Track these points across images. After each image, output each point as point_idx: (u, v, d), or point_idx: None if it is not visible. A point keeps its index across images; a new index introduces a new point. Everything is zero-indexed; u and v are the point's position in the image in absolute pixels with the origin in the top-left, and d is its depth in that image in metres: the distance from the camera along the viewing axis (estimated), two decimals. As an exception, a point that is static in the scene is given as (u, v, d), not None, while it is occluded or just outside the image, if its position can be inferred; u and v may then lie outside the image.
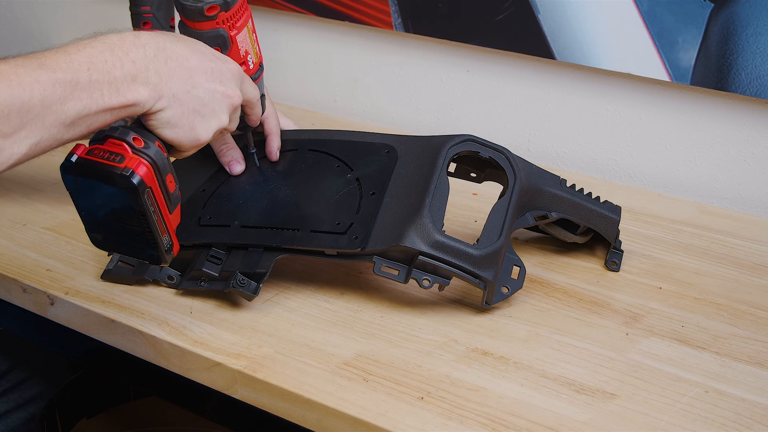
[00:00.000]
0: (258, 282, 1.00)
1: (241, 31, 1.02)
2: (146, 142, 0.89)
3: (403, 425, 0.85)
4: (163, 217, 0.91)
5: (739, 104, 1.28)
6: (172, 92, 0.89)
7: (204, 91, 0.92)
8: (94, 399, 1.36)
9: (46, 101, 0.82)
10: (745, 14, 1.22)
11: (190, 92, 0.91)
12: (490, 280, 0.98)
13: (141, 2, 1.36)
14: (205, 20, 0.99)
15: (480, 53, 1.46)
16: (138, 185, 0.87)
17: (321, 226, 1.01)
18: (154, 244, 0.91)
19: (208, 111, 0.93)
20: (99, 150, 0.88)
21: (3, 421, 1.28)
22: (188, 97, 0.91)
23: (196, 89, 0.91)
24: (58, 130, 0.84)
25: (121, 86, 0.86)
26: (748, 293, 1.07)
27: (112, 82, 0.85)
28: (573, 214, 1.07)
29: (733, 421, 0.86)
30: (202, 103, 0.92)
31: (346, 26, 1.56)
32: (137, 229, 0.90)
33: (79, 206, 0.92)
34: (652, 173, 1.37)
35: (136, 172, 0.87)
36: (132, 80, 0.87)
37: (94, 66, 0.85)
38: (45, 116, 0.82)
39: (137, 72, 0.87)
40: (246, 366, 0.93)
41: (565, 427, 0.85)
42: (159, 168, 0.89)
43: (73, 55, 0.84)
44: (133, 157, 0.88)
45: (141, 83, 0.87)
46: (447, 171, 1.03)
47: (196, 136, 0.93)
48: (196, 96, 0.91)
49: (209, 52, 0.95)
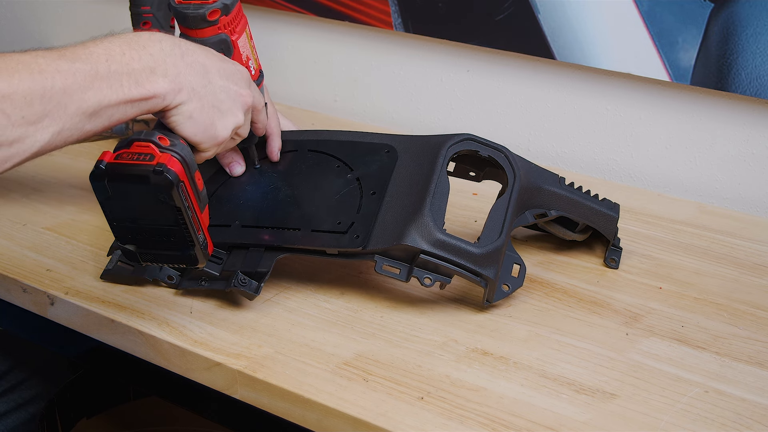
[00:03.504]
0: (259, 281, 1.00)
1: (241, 36, 1.03)
2: (172, 140, 0.90)
3: (403, 425, 0.85)
4: (197, 213, 0.91)
5: (739, 104, 1.28)
6: (191, 86, 0.90)
7: (220, 88, 0.93)
8: (94, 399, 1.36)
9: (67, 89, 0.83)
10: (745, 14, 1.22)
11: (207, 87, 0.92)
12: (491, 278, 0.98)
13: (141, 2, 1.36)
14: (207, 26, 1.00)
15: (480, 53, 1.46)
16: (173, 179, 0.87)
17: (322, 225, 1.01)
18: (191, 243, 0.91)
19: (226, 108, 0.94)
20: (127, 153, 0.88)
21: (3, 421, 1.28)
22: (206, 91, 0.92)
23: (213, 85, 0.92)
24: (80, 119, 0.84)
25: (141, 77, 0.87)
26: (748, 293, 1.07)
27: (132, 73, 0.86)
28: (572, 212, 1.08)
29: (733, 421, 0.86)
30: (219, 99, 0.93)
31: (346, 26, 1.56)
32: (174, 228, 0.90)
33: (112, 215, 0.91)
34: (652, 173, 1.37)
35: (169, 166, 0.87)
36: (151, 72, 0.88)
37: (113, 58, 0.86)
38: (67, 104, 0.83)
39: (155, 64, 0.88)
40: (246, 366, 0.93)
41: (565, 427, 0.85)
42: (188, 164, 0.90)
43: (91, 48, 0.86)
44: (163, 154, 0.88)
45: (160, 75, 0.88)
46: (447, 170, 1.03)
47: (215, 133, 0.93)
48: (213, 92, 0.92)
49: (220, 55, 0.96)
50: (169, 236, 0.91)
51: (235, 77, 0.96)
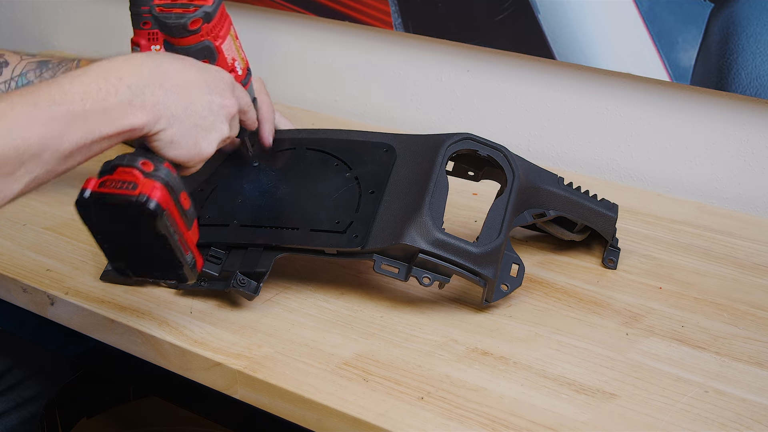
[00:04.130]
0: (258, 281, 1.00)
1: (225, 40, 1.02)
2: (156, 165, 0.89)
3: (403, 425, 0.85)
4: (183, 235, 0.90)
5: (739, 104, 1.28)
6: (170, 112, 0.89)
7: (202, 105, 0.92)
8: (94, 399, 1.36)
9: (43, 140, 0.81)
10: (745, 14, 1.22)
11: (188, 108, 0.90)
12: (490, 278, 0.98)
13: (141, 2, 1.36)
14: (189, 35, 0.99)
15: (480, 53, 1.46)
16: (155, 209, 0.86)
17: (320, 225, 1.01)
18: (178, 264, 0.91)
19: (208, 124, 0.92)
20: (110, 181, 0.87)
21: (3, 421, 1.28)
22: (187, 113, 0.90)
23: (194, 104, 0.91)
24: (56, 162, 0.83)
25: (117, 113, 0.85)
26: (748, 293, 1.07)
27: (108, 110, 0.85)
28: (570, 212, 1.08)
29: (733, 421, 0.86)
30: (201, 117, 0.91)
31: (346, 26, 1.56)
32: (160, 251, 0.90)
33: (99, 238, 0.91)
34: (652, 173, 1.37)
35: (152, 196, 0.86)
36: (128, 105, 0.86)
37: (88, 95, 0.84)
38: (42, 154, 0.81)
39: (132, 96, 0.86)
40: (246, 366, 0.93)
41: (565, 427, 0.85)
42: (172, 187, 0.89)
43: (65, 87, 0.83)
44: (146, 181, 0.87)
45: (137, 107, 0.86)
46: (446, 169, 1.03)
47: (200, 150, 0.92)
48: (194, 111, 0.91)
49: (201, 65, 0.94)
50: (156, 258, 0.90)
51: (219, 88, 0.94)
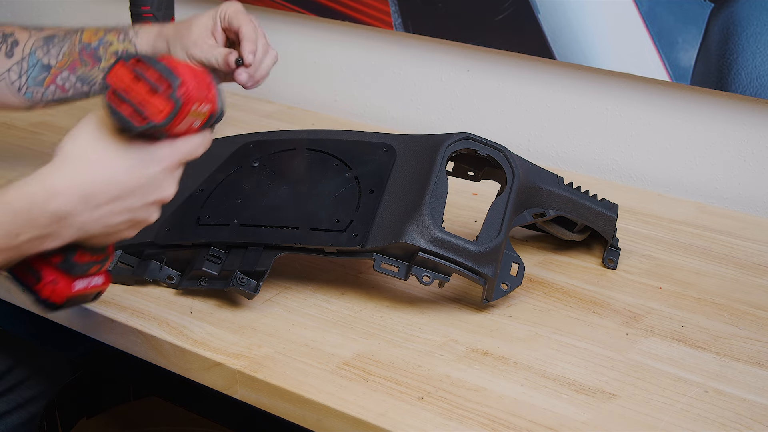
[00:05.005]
0: (258, 280, 1.00)
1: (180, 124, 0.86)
2: (65, 257, 0.87)
3: (403, 425, 0.85)
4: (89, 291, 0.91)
5: (739, 104, 1.28)
6: (89, 234, 0.85)
7: (129, 213, 0.86)
8: (94, 399, 1.36)
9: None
10: (745, 14, 1.22)
11: (110, 224, 0.85)
12: (490, 277, 0.98)
13: (141, 2, 1.36)
14: None
15: (480, 53, 1.46)
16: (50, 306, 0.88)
17: (320, 224, 1.01)
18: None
19: (133, 224, 0.88)
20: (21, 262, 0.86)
21: (3, 421, 1.28)
22: (110, 228, 0.86)
23: (121, 215, 0.86)
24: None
25: (28, 248, 0.82)
26: (748, 293, 1.07)
27: (18, 247, 0.81)
28: (570, 212, 1.08)
29: (733, 421, 0.86)
30: (126, 223, 0.87)
31: (346, 26, 1.56)
32: None
33: None
34: (652, 173, 1.37)
35: (48, 297, 0.88)
36: (41, 240, 0.82)
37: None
38: None
39: (46, 233, 0.82)
40: (246, 366, 0.93)
41: (565, 427, 0.85)
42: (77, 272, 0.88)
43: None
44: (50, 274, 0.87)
45: (51, 239, 0.83)
46: (445, 169, 1.03)
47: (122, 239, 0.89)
48: (118, 222, 0.86)
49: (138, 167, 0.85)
50: None
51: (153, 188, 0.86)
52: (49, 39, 1.20)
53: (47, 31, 1.22)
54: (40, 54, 1.19)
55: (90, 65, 1.20)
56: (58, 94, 1.22)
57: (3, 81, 1.18)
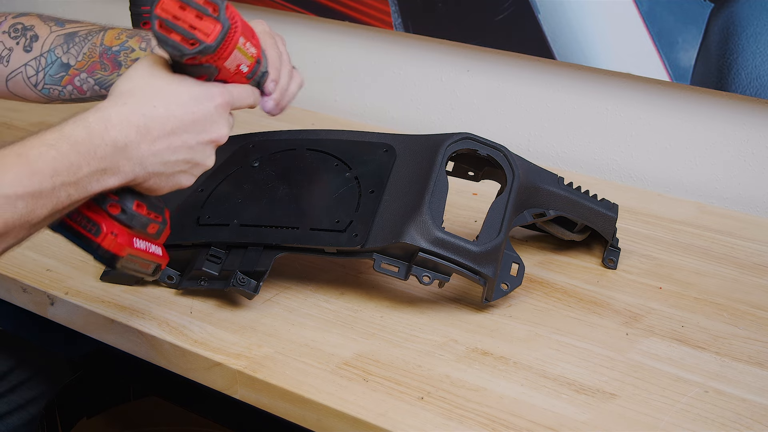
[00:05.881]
0: (258, 280, 1.00)
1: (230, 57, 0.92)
2: (123, 208, 0.87)
3: (403, 425, 0.85)
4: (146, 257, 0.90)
5: (739, 104, 1.28)
6: (147, 171, 0.86)
7: (185, 151, 0.88)
8: (94, 399, 1.36)
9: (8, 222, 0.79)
10: (745, 14, 1.22)
11: (168, 161, 0.87)
12: (490, 276, 0.98)
13: (141, 2, 1.36)
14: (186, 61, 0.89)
15: (480, 53, 1.46)
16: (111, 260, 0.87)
17: (320, 224, 1.01)
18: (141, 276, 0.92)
19: (191, 165, 0.89)
20: (78, 215, 0.86)
21: (4, 422, 1.28)
22: (167, 166, 0.87)
23: (177, 153, 0.87)
24: (24, 234, 0.81)
25: (89, 183, 0.83)
26: (748, 293, 1.07)
27: (79, 182, 0.82)
28: (571, 212, 1.08)
29: (733, 421, 0.86)
30: (183, 162, 0.88)
31: (346, 26, 1.56)
32: None
33: None
34: (652, 173, 1.37)
35: (109, 249, 0.86)
36: (101, 174, 0.83)
37: (59, 172, 0.80)
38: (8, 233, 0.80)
39: (106, 166, 0.83)
40: (246, 366, 0.93)
41: (565, 427, 0.85)
42: (136, 228, 0.88)
43: (34, 165, 0.79)
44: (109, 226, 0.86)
45: (111, 174, 0.83)
46: (445, 169, 1.03)
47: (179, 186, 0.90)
48: (176, 161, 0.87)
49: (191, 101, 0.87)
50: None
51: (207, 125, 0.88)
52: (70, 37, 1.19)
53: (69, 27, 1.19)
54: (59, 52, 1.18)
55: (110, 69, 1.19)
56: (75, 95, 1.21)
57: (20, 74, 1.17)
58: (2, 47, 1.14)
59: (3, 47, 1.14)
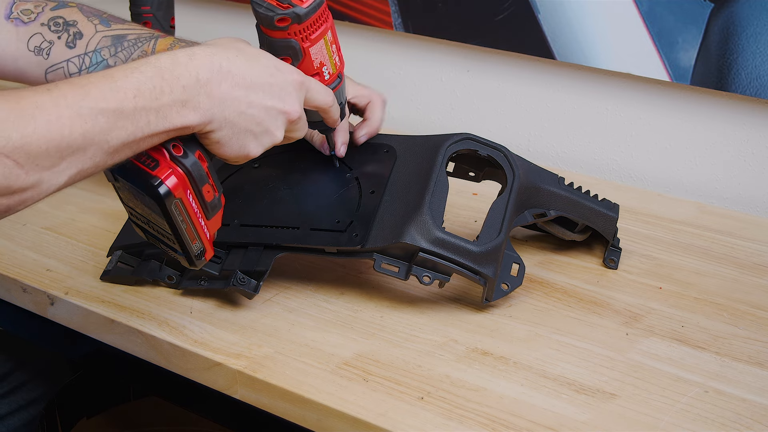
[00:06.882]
0: (258, 280, 1.00)
1: (317, 43, 0.97)
2: (186, 151, 0.87)
3: (403, 425, 0.85)
4: (195, 225, 0.89)
5: (739, 104, 1.28)
6: (224, 115, 0.87)
7: (259, 109, 0.89)
8: (94, 399, 1.36)
9: (87, 135, 0.79)
10: (745, 14, 1.22)
11: (244, 113, 0.88)
12: (491, 277, 0.98)
13: (141, 2, 1.36)
14: (276, 30, 0.95)
15: (480, 53, 1.46)
16: (163, 196, 0.86)
17: (321, 224, 1.01)
18: (182, 249, 0.91)
19: (262, 129, 0.90)
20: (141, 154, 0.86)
21: (4, 423, 1.28)
22: (241, 118, 0.88)
23: (252, 108, 0.89)
24: (101, 158, 0.81)
25: (169, 112, 0.84)
26: (748, 293, 1.07)
27: (160, 109, 0.83)
28: (571, 212, 1.08)
29: (733, 421, 0.86)
30: (255, 122, 0.90)
31: (346, 26, 1.56)
32: (167, 231, 0.89)
33: (121, 198, 0.91)
34: (652, 173, 1.37)
35: (165, 182, 0.85)
36: (181, 106, 0.84)
37: (141, 93, 0.82)
38: (87, 149, 0.80)
39: (187, 98, 0.84)
40: (246, 366, 0.93)
41: (565, 427, 0.85)
42: (194, 178, 0.88)
43: (119, 82, 0.81)
44: (168, 165, 0.86)
45: (191, 108, 0.85)
46: (446, 170, 1.03)
47: (246, 153, 0.91)
48: (250, 115, 0.89)
49: (271, 65, 0.91)
50: (164, 234, 0.90)
51: (283, 92, 0.91)
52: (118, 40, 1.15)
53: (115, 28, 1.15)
54: (106, 54, 1.15)
55: None
56: None
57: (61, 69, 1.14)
58: (41, 39, 1.11)
59: (42, 39, 1.11)
